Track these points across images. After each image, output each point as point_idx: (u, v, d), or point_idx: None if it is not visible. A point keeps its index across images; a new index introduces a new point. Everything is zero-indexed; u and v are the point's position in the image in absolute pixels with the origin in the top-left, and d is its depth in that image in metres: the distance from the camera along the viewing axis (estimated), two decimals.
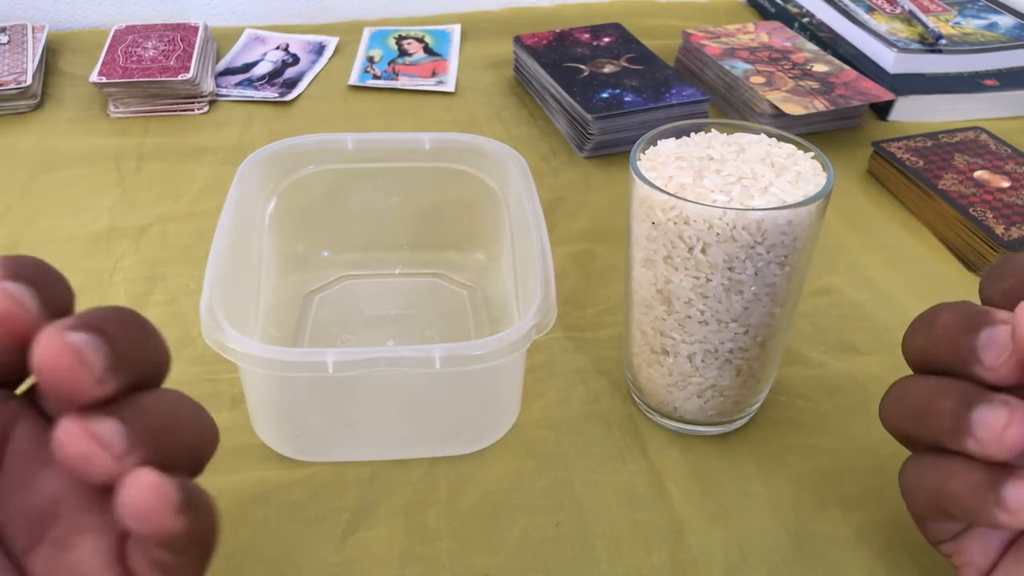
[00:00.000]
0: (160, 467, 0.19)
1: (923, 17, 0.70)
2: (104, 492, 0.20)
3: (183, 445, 0.21)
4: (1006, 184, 0.53)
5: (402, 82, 0.69)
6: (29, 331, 0.19)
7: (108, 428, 0.19)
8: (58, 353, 0.18)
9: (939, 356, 0.26)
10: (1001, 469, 0.24)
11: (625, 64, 0.64)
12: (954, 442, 0.24)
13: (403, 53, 0.74)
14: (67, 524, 0.21)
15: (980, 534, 0.27)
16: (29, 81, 0.63)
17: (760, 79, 0.62)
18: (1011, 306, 0.24)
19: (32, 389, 0.22)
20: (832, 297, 0.47)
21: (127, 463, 0.19)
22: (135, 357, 0.20)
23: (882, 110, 0.65)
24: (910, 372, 0.28)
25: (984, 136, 0.58)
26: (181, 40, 0.68)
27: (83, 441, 0.19)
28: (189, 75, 0.63)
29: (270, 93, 0.67)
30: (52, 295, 0.20)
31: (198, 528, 0.20)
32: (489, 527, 0.34)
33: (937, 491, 0.26)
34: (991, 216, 0.50)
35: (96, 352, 0.19)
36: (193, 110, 0.64)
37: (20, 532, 0.21)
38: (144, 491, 0.19)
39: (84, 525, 0.21)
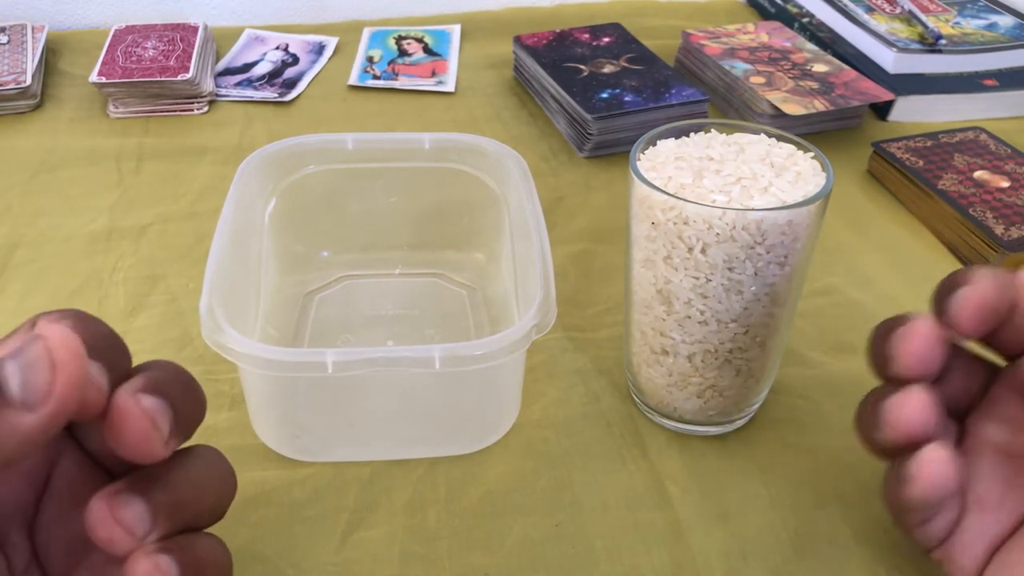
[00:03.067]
0: (181, 530, 0.21)
1: (923, 17, 0.70)
2: None
3: (205, 511, 0.23)
4: (1006, 184, 0.53)
5: (402, 82, 0.69)
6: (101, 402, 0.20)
7: (133, 513, 0.20)
8: (135, 417, 0.20)
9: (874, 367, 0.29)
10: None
11: (625, 64, 0.64)
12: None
13: (403, 53, 0.74)
14: (104, 554, 0.22)
15: (964, 537, 0.28)
16: (29, 81, 0.63)
17: (760, 79, 0.62)
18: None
19: (71, 424, 0.23)
20: (832, 297, 0.47)
21: (148, 540, 0.21)
22: (190, 421, 0.22)
23: (882, 110, 0.65)
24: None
25: (984, 136, 0.58)
26: (181, 40, 0.68)
27: (108, 526, 0.20)
28: (189, 75, 0.63)
29: (270, 93, 0.67)
30: (115, 359, 0.21)
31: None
32: (489, 527, 0.34)
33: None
34: (991, 216, 0.50)
35: (165, 417, 0.20)
36: (193, 110, 0.64)
37: (60, 557, 0.23)
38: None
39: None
